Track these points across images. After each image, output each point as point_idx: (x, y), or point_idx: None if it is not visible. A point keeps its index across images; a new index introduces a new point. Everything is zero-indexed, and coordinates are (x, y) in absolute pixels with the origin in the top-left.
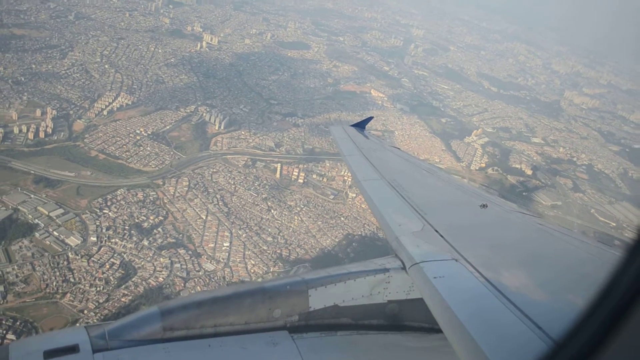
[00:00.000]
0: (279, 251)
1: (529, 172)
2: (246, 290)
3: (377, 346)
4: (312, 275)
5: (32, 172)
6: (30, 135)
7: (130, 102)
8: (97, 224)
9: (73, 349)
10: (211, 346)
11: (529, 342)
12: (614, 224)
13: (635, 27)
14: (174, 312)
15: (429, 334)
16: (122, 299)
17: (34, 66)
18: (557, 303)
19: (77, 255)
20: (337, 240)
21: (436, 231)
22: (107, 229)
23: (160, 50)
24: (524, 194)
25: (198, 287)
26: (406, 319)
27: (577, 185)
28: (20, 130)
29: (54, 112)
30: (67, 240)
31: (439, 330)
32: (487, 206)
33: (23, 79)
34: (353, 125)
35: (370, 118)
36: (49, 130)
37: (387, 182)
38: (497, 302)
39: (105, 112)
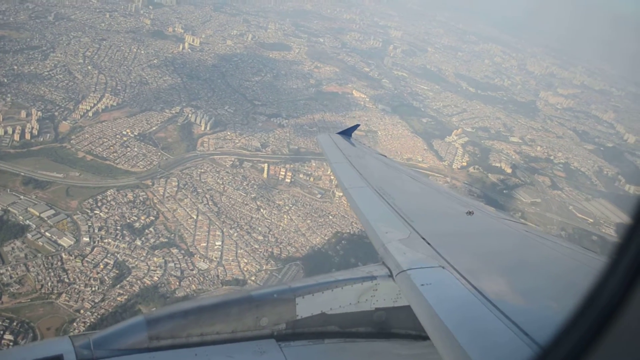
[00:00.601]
0: (270, 250)
1: (509, 171)
2: (233, 299)
3: (365, 354)
4: (299, 283)
5: (20, 173)
6: (16, 137)
7: (115, 104)
8: (89, 224)
9: (58, 359)
10: (198, 355)
11: (515, 348)
12: (592, 220)
13: (602, 29)
14: (160, 321)
15: (417, 342)
16: (118, 299)
17: (15, 67)
18: (543, 309)
19: (71, 255)
20: (326, 238)
21: (423, 238)
22: (99, 229)
23: (142, 52)
24: (504, 191)
25: (193, 286)
26: (393, 326)
27: (555, 183)
28: (5, 132)
29: (39, 113)
30: (59, 241)
31: (426, 338)
32: (473, 213)
33: (6, 80)
34: (339, 133)
35: (357, 126)
36: (35, 132)
37: (373, 189)
38: (484, 309)
39: (90, 114)
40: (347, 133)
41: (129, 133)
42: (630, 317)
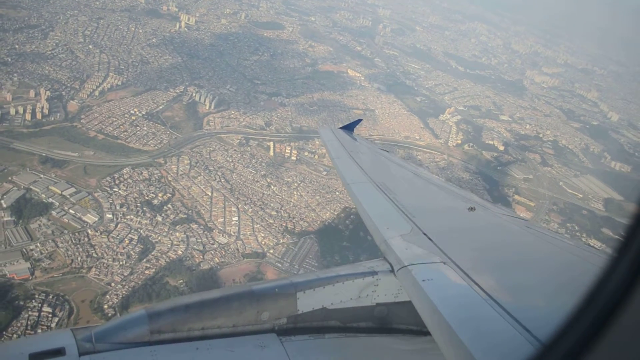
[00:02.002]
0: (284, 224)
1: (502, 148)
2: (234, 293)
3: (366, 349)
4: (300, 278)
5: (36, 152)
6: (28, 117)
7: (120, 83)
8: (110, 201)
9: (59, 352)
10: (199, 349)
11: (516, 344)
12: (581, 196)
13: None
14: (161, 315)
15: (417, 337)
16: (146, 272)
17: (17, 46)
18: (545, 305)
19: (97, 231)
20: (335, 213)
21: (424, 234)
22: (121, 206)
23: (140, 31)
24: (498, 168)
25: (216, 259)
26: (394, 321)
27: (545, 160)
28: (16, 112)
29: (48, 93)
30: (84, 218)
31: (427, 333)
32: (475, 209)
33: (10, 60)
34: (341, 128)
35: (359, 120)
36: (46, 111)
37: (375, 185)
38: (485, 305)
39: (96, 93)
40: (349, 128)
41: (137, 112)
42: (632, 314)
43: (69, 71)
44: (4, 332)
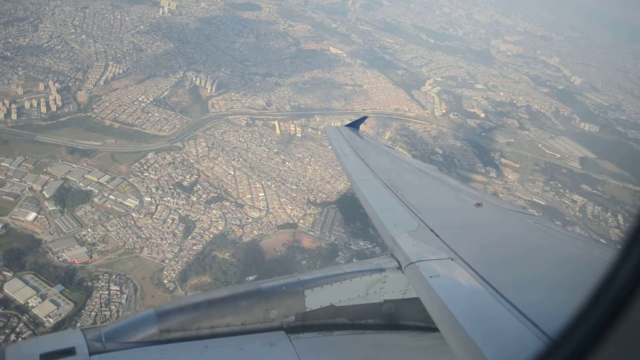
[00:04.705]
0: (306, 197)
1: (482, 115)
2: (242, 292)
3: (374, 345)
4: (308, 275)
5: (61, 144)
6: (43, 109)
7: (121, 72)
8: (145, 185)
9: (70, 352)
10: (208, 347)
11: (525, 339)
12: (559, 156)
13: None
14: (170, 314)
15: (426, 333)
16: (194, 248)
17: (11, 40)
18: (553, 301)
19: (140, 214)
20: (349, 184)
21: (431, 230)
22: (156, 189)
23: (127, 18)
24: (482, 134)
25: (255, 232)
26: (403, 318)
27: (522, 124)
28: (31, 105)
29: (57, 85)
30: (125, 203)
31: (435, 329)
32: (481, 205)
33: (9, 54)
34: (347, 125)
35: (365, 118)
36: (59, 103)
37: (381, 182)
38: (493, 301)
39: (101, 83)
40: (354, 125)
41: (145, 99)
42: None
43: (69, 62)
44: (83, 311)
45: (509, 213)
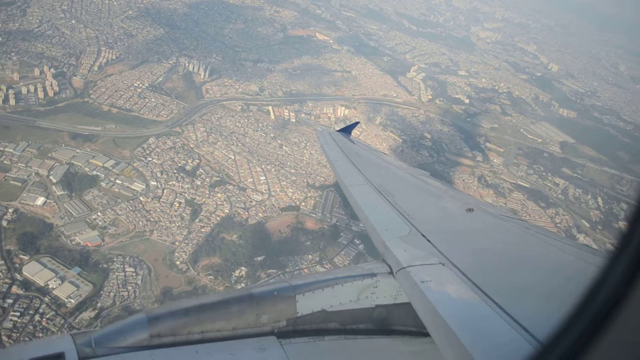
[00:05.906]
0: (305, 180)
1: (467, 101)
2: (233, 297)
3: (365, 350)
4: (299, 280)
5: (63, 129)
6: (40, 95)
7: (114, 57)
8: (150, 170)
9: (59, 357)
10: (198, 352)
11: (516, 344)
12: (540, 140)
13: None
14: (160, 319)
15: (417, 338)
16: (202, 230)
17: (0, 25)
18: (544, 306)
19: (147, 198)
20: None
21: (423, 236)
22: (161, 173)
23: (115, 3)
24: (467, 120)
25: (260, 214)
26: (394, 323)
27: (504, 110)
28: (28, 91)
29: (52, 70)
30: (132, 187)
31: (426, 334)
32: (473, 210)
33: (1, 39)
34: (339, 130)
35: (357, 123)
36: (56, 89)
37: (373, 187)
38: (484, 306)
39: (95, 68)
40: (346, 130)
41: (140, 85)
42: (631, 313)
43: (61, 48)
44: (102, 292)
45: (499, 218)
